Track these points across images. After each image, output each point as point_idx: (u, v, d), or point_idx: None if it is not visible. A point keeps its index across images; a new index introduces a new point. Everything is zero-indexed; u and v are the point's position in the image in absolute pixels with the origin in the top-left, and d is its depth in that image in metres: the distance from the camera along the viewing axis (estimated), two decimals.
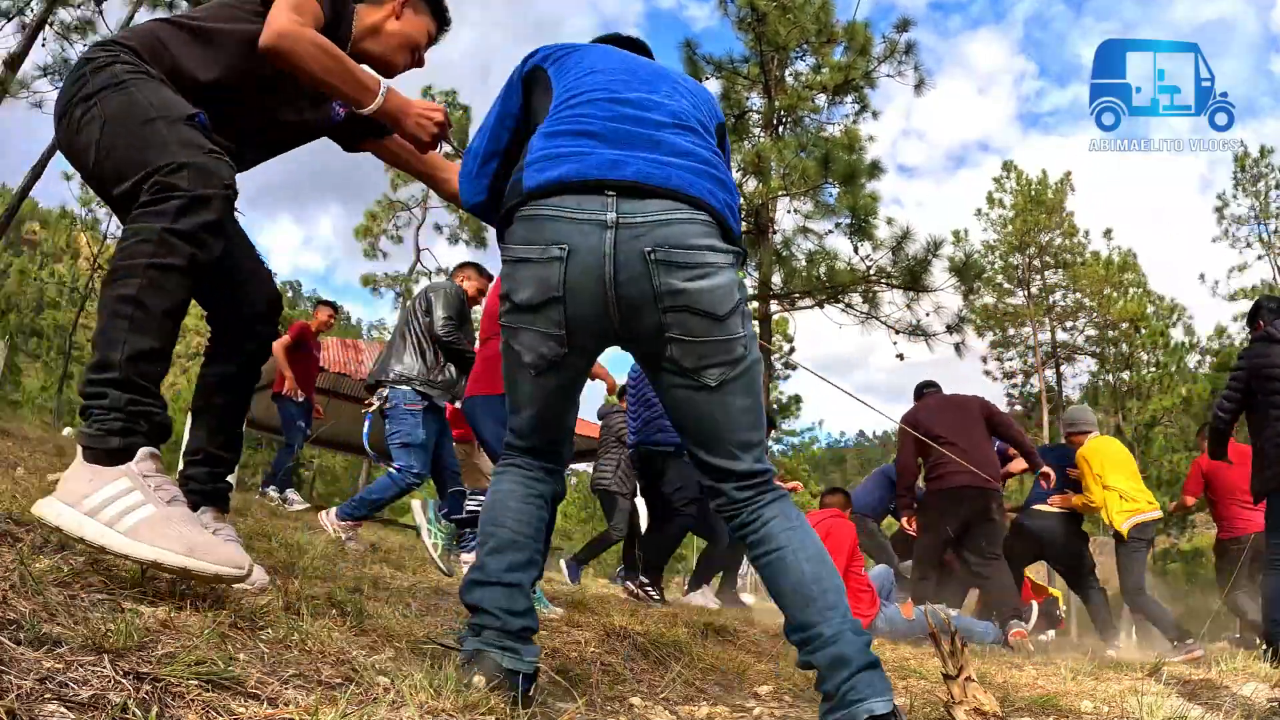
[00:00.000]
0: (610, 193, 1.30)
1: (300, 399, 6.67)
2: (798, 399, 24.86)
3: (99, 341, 1.36)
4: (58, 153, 9.46)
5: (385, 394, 3.98)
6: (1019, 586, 5.03)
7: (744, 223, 10.84)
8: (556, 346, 1.36)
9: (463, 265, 4.61)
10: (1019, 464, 5.48)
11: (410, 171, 2.18)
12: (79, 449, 1.33)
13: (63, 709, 0.84)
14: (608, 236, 1.28)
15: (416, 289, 23.41)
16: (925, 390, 5.42)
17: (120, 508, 1.21)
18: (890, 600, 4.71)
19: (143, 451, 1.33)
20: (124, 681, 0.93)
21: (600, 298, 1.30)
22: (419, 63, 2.04)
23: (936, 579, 4.71)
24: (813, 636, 1.29)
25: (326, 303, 7.39)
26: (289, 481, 6.75)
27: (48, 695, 0.86)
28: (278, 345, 6.67)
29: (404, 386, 3.96)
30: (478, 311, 4.35)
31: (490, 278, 4.44)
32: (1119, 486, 4.96)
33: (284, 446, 6.95)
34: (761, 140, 10.98)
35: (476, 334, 4.06)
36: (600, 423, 6.35)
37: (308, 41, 1.60)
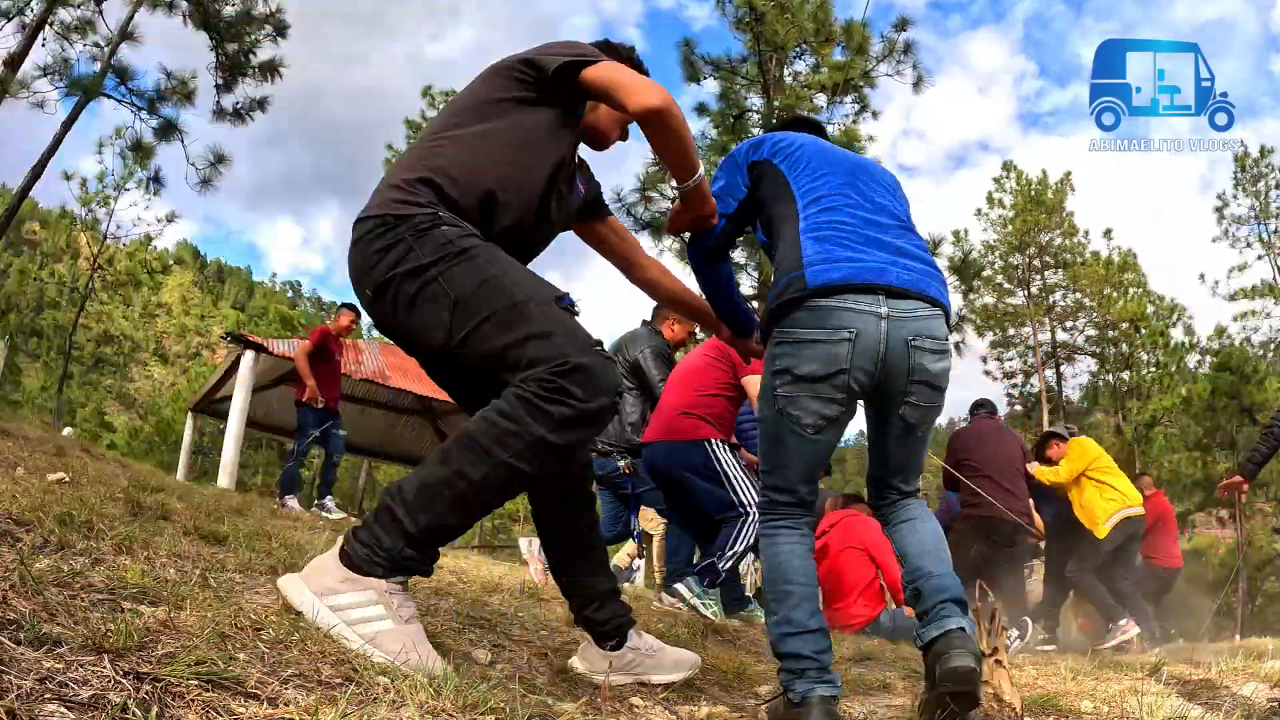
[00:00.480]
0: (879, 293, 1.69)
1: (320, 405, 6.51)
2: None
3: (421, 487, 1.34)
4: (58, 152, 9.47)
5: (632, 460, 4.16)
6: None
7: None
8: (838, 408, 1.71)
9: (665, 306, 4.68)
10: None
11: (610, 255, 2.05)
12: (339, 544, 1.36)
13: (63, 709, 0.84)
14: (883, 325, 1.68)
15: None
16: (976, 412, 5.56)
17: (364, 615, 1.28)
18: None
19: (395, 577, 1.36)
20: (124, 681, 0.93)
21: (872, 371, 1.69)
22: (624, 137, 1.99)
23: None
24: (926, 574, 1.69)
25: (348, 306, 7.21)
26: (290, 488, 6.61)
27: (48, 695, 0.86)
28: (299, 351, 6.64)
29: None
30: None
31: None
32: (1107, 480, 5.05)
33: (293, 452, 6.85)
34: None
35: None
36: None
37: (679, 109, 1.62)
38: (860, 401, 1.80)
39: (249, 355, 8.50)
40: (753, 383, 3.57)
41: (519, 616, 2.55)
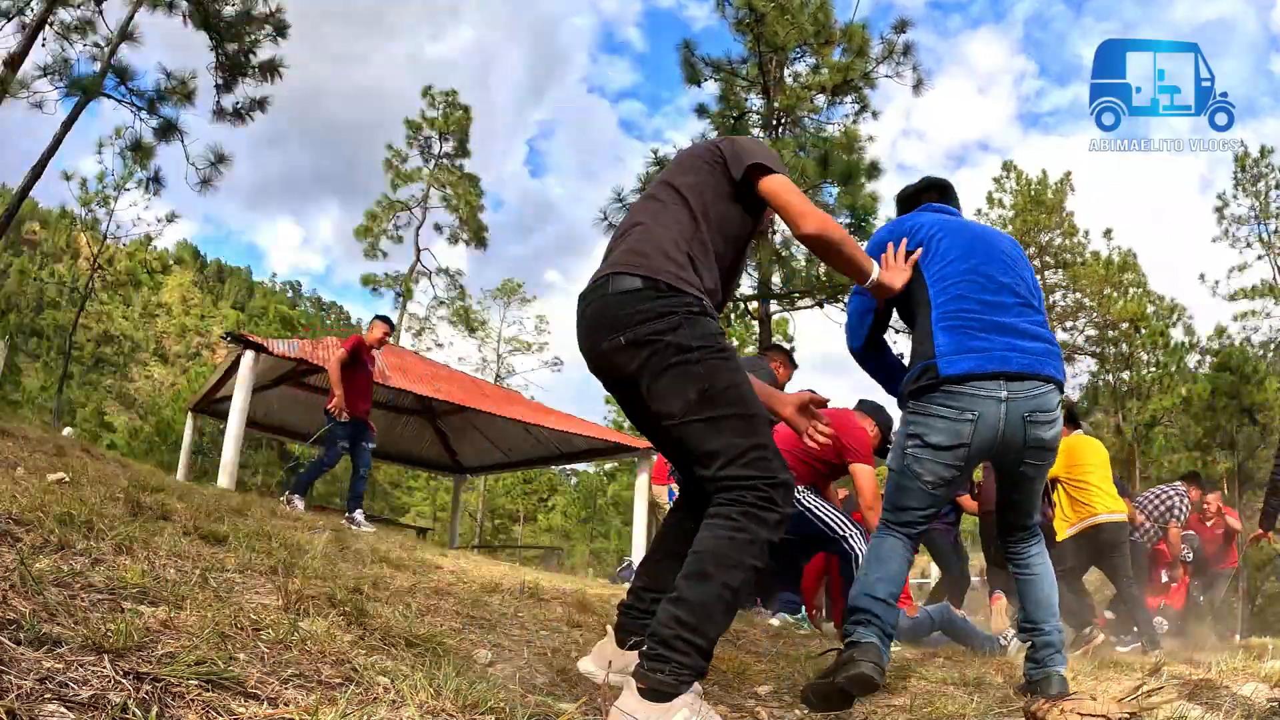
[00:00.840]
0: (1000, 378, 2.01)
1: (345, 418, 6.31)
2: None
3: (700, 607, 1.49)
4: (58, 152, 9.47)
5: None
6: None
7: None
8: (955, 472, 2.08)
9: (773, 348, 4.71)
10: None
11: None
12: (638, 685, 1.43)
13: (63, 709, 0.84)
14: (1002, 408, 2.01)
15: (416, 288, 23.45)
16: None
17: None
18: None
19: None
20: (124, 681, 0.93)
21: (990, 442, 2.03)
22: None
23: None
24: (1040, 630, 2.18)
25: (382, 318, 6.96)
26: (302, 490, 6.36)
27: (48, 695, 0.85)
28: (333, 359, 6.47)
29: None
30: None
31: (796, 365, 4.75)
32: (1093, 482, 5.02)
33: (319, 460, 6.55)
34: (761, 140, 10.98)
35: None
36: None
37: (838, 230, 1.85)
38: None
39: (249, 355, 8.48)
40: (862, 473, 3.81)
41: (519, 616, 2.55)
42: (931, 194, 2.46)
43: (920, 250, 2.18)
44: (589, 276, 1.81)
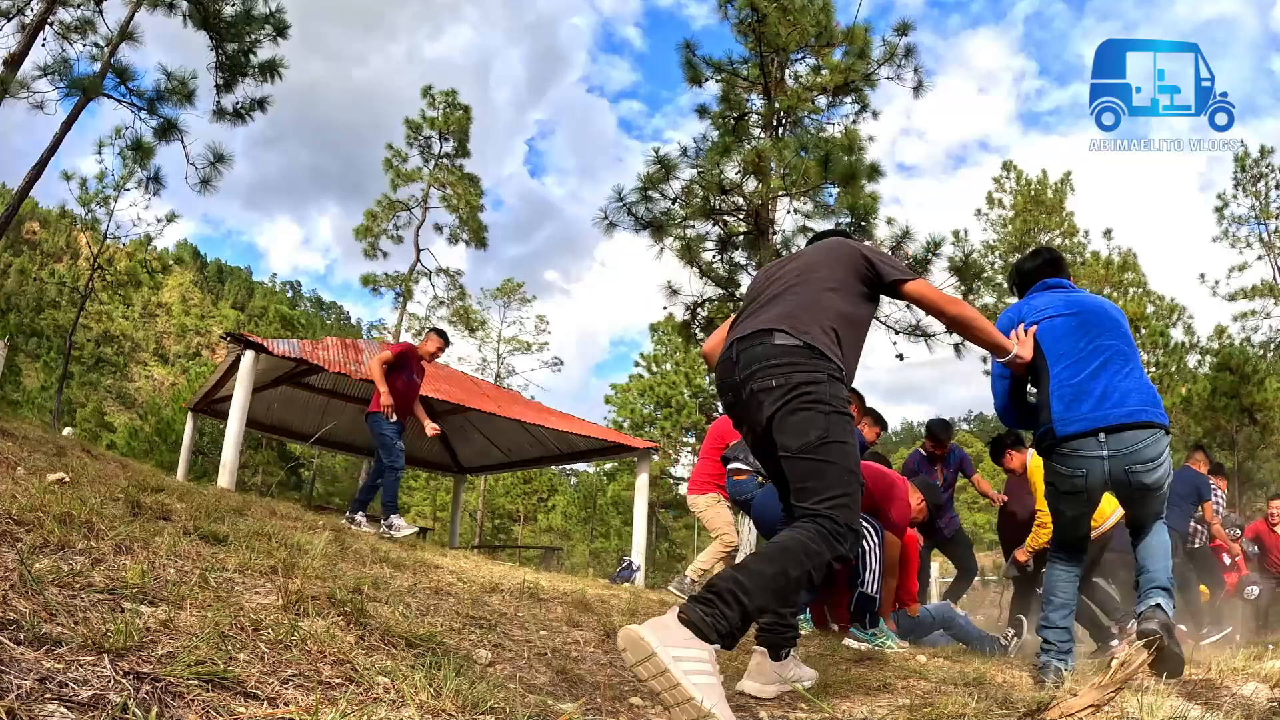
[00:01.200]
0: (1102, 433, 2.52)
1: (394, 419, 6.09)
2: None
3: (758, 577, 1.75)
4: (58, 152, 9.46)
5: None
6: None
7: (744, 223, 10.86)
8: (1081, 508, 2.68)
9: (865, 412, 4.88)
10: None
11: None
12: (678, 609, 1.65)
13: (63, 709, 0.84)
14: (1105, 464, 2.53)
15: (416, 288, 23.44)
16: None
17: (697, 668, 1.56)
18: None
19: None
20: (124, 681, 0.93)
21: (1102, 486, 2.59)
22: None
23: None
24: (1144, 568, 2.61)
25: (438, 332, 6.62)
26: (394, 507, 6.08)
27: (48, 695, 0.85)
28: (375, 360, 6.19)
29: None
30: None
31: (885, 427, 5.17)
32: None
33: (387, 469, 6.21)
34: (761, 141, 10.98)
35: None
36: None
37: (974, 311, 2.35)
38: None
39: (249, 355, 8.48)
40: (891, 544, 4.06)
41: (519, 616, 2.55)
42: (1046, 269, 2.93)
43: (1035, 327, 2.70)
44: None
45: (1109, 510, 4.93)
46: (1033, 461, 5.11)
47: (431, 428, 6.40)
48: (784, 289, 2.24)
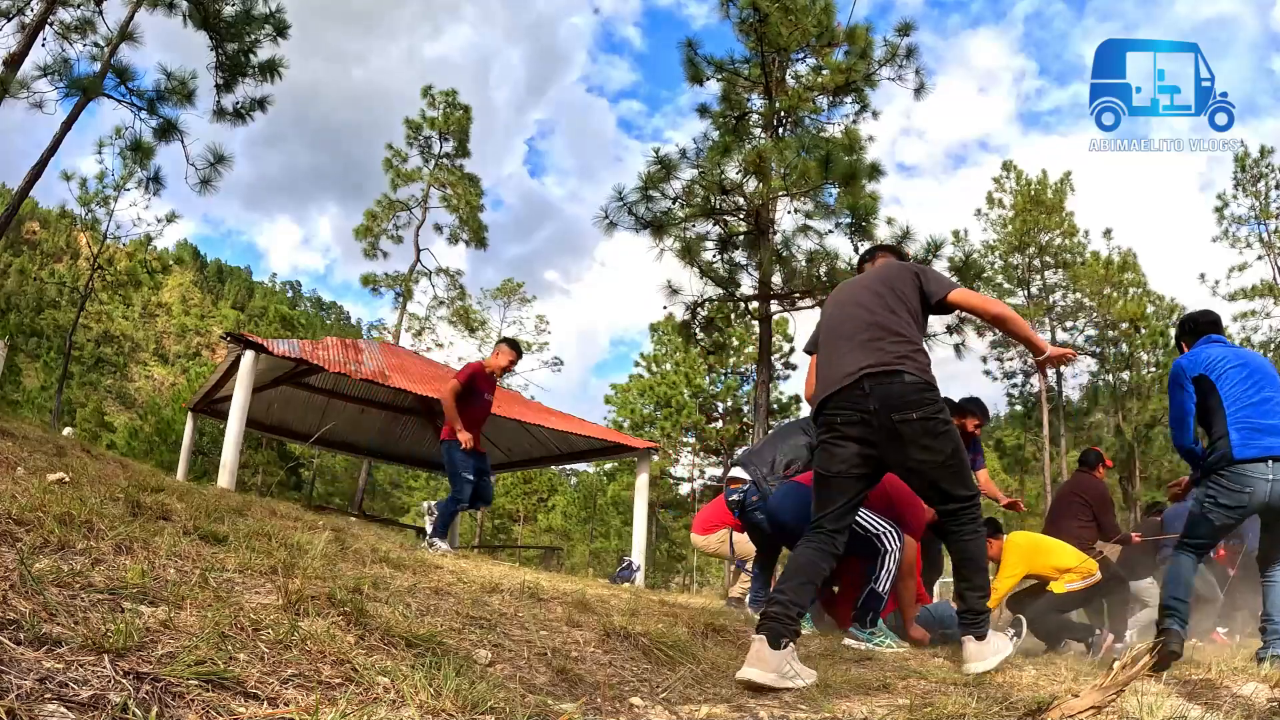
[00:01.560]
0: (1269, 460, 3.11)
1: (469, 448, 5.88)
2: (796, 399, 24.86)
3: (982, 584, 2.72)
4: (58, 152, 9.46)
5: None
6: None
7: (744, 223, 10.86)
8: (1233, 522, 3.27)
9: (968, 409, 4.97)
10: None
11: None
12: (974, 636, 2.68)
13: (63, 709, 0.84)
14: (1268, 486, 3.11)
15: (416, 288, 23.44)
16: (1081, 467, 6.21)
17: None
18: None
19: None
20: (124, 681, 0.93)
21: (1259, 506, 3.16)
22: None
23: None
24: (1269, 617, 3.25)
25: (510, 343, 6.33)
26: (443, 532, 6.02)
27: (48, 695, 0.85)
28: (447, 391, 5.97)
29: None
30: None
31: (988, 419, 5.26)
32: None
33: (451, 496, 6.08)
34: (762, 140, 10.98)
35: None
36: None
37: (1013, 313, 2.88)
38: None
39: (249, 355, 8.47)
40: (908, 546, 4.06)
41: (519, 616, 2.54)
42: (1209, 327, 3.60)
43: (1075, 353, 3.19)
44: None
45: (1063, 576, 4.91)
46: (1007, 544, 5.07)
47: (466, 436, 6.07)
48: (874, 320, 2.75)
